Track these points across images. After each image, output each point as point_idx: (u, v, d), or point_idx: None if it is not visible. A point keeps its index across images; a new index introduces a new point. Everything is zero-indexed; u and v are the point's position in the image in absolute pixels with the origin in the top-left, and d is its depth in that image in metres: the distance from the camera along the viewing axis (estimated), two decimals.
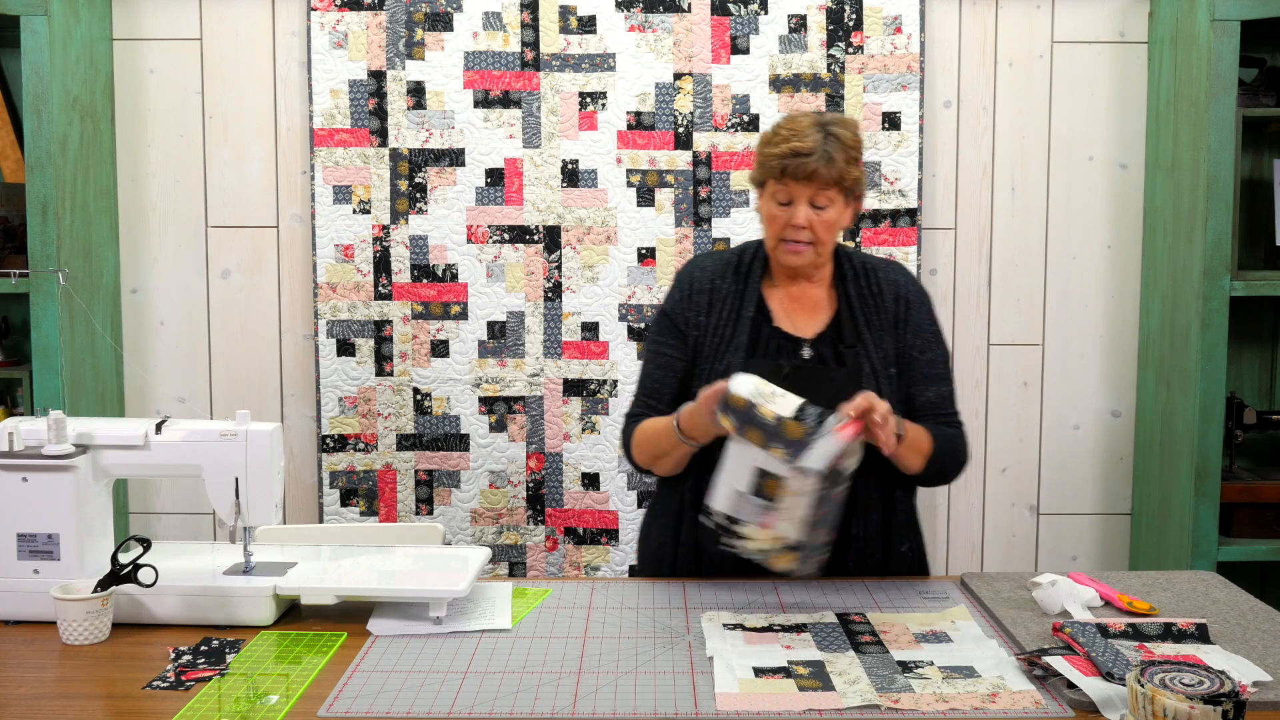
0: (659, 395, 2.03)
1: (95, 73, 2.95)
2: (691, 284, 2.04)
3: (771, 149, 1.92)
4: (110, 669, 1.60)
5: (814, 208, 1.92)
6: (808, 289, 2.04)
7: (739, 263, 2.06)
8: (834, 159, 1.90)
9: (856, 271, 2.05)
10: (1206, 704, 1.23)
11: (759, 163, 1.96)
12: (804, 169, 1.89)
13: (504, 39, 3.01)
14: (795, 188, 1.91)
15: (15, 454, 1.77)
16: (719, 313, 2.01)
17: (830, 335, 2.00)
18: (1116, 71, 3.10)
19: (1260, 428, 2.93)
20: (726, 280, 2.03)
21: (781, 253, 1.97)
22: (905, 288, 2.05)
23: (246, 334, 3.13)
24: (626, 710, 1.46)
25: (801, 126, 1.91)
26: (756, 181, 1.99)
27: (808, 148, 1.89)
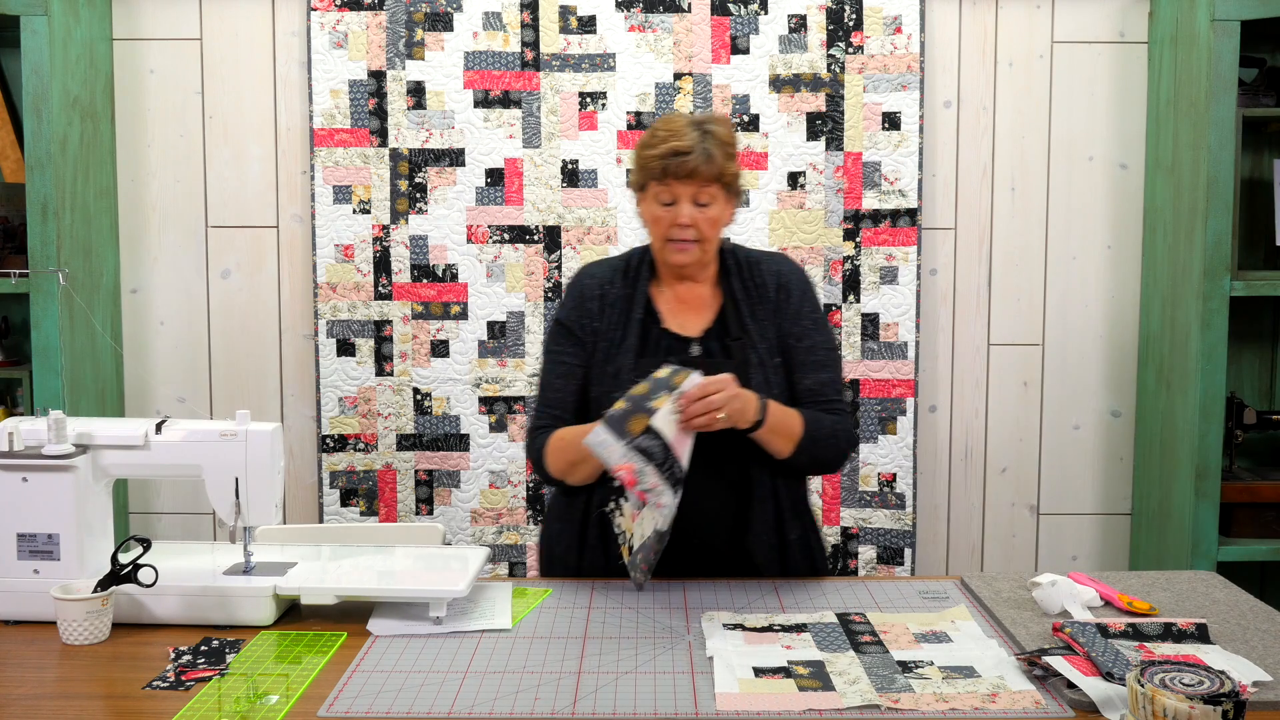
0: (562, 404, 2.03)
1: (95, 73, 2.95)
2: (583, 290, 2.07)
3: (650, 151, 1.95)
4: (110, 669, 1.60)
5: (697, 205, 1.95)
6: (693, 288, 2.06)
7: (626, 267, 2.08)
8: (713, 156, 1.93)
9: (740, 266, 2.07)
10: (1206, 704, 1.23)
11: (638, 166, 1.99)
12: (685, 167, 1.92)
13: (504, 39, 3.01)
14: (677, 187, 1.94)
15: (15, 454, 1.77)
16: (610, 317, 2.03)
17: (717, 331, 2.03)
18: (1116, 71, 3.10)
19: (1260, 428, 2.93)
20: (615, 285, 2.06)
21: (668, 252, 1.99)
22: (786, 276, 2.07)
23: (246, 334, 3.13)
24: (626, 710, 1.46)
25: (678, 127, 1.95)
26: (637, 185, 2.01)
27: (686, 146, 1.92)
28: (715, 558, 2.00)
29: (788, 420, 1.93)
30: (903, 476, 3.07)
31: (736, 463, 1.97)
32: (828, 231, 3.04)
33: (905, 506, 3.07)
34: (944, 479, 3.19)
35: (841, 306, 3.05)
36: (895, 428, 3.07)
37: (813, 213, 3.03)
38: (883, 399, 3.06)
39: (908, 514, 3.07)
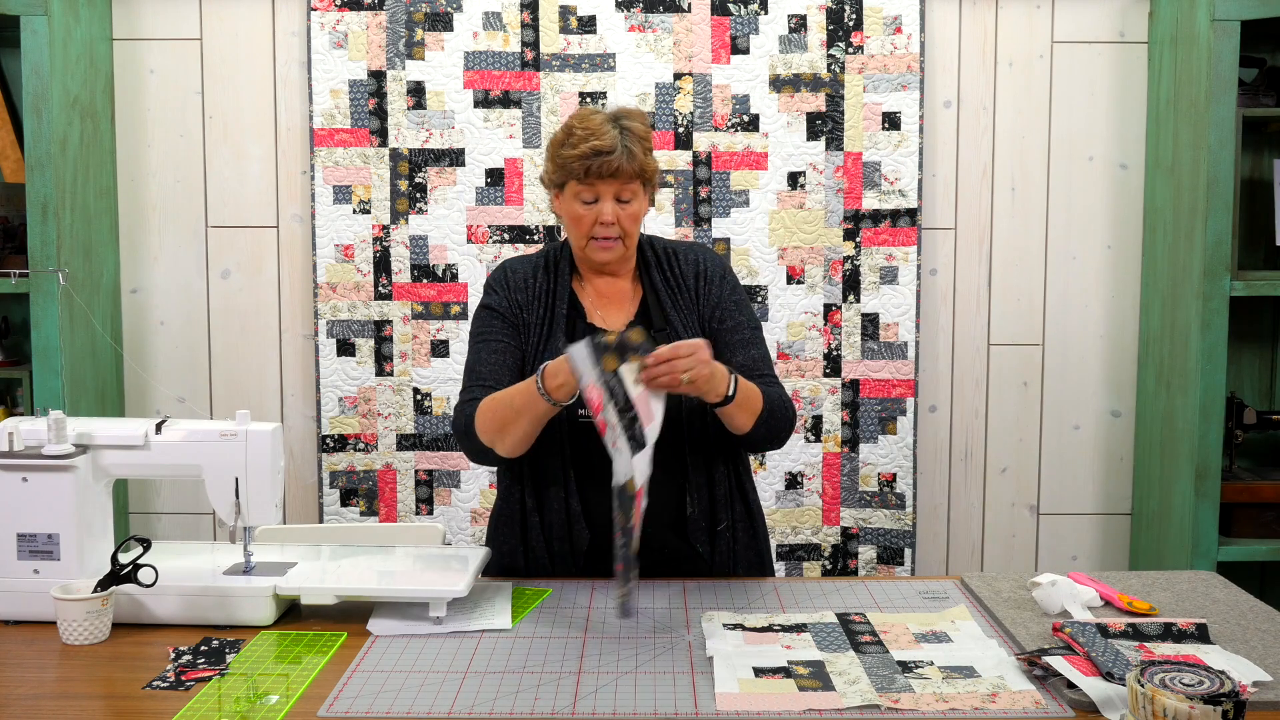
0: (497, 379, 1.97)
1: (95, 73, 2.95)
2: (509, 282, 2.04)
3: (570, 150, 1.92)
4: (110, 669, 1.60)
5: (619, 202, 1.95)
6: (614, 282, 2.06)
7: (547, 263, 2.07)
8: (634, 153, 1.92)
9: (659, 257, 2.07)
10: (1206, 704, 1.23)
11: (556, 165, 1.96)
12: (608, 167, 1.90)
13: (504, 39, 3.01)
14: (600, 185, 1.93)
15: (15, 454, 1.77)
16: (536, 311, 2.03)
17: (640, 323, 2.02)
18: (1116, 71, 3.10)
19: (1260, 428, 2.93)
20: (539, 280, 2.05)
21: (592, 250, 1.98)
22: (704, 264, 2.07)
23: (246, 334, 3.13)
24: (626, 710, 1.46)
25: (596, 125, 1.92)
26: (555, 184, 1.99)
27: (608, 145, 1.90)
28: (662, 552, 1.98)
29: (752, 394, 1.92)
30: (903, 476, 3.07)
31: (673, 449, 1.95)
32: (828, 231, 3.04)
33: (905, 506, 3.07)
34: (944, 479, 3.19)
35: (841, 306, 3.05)
36: (895, 428, 3.07)
37: (813, 213, 3.03)
38: (883, 399, 3.06)
39: (908, 514, 3.07)
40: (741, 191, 3.03)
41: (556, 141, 1.98)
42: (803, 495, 3.08)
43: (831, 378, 3.06)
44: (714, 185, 3.03)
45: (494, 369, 1.99)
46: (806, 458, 3.06)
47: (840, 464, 3.08)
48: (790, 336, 3.05)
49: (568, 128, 1.96)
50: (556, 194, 2.01)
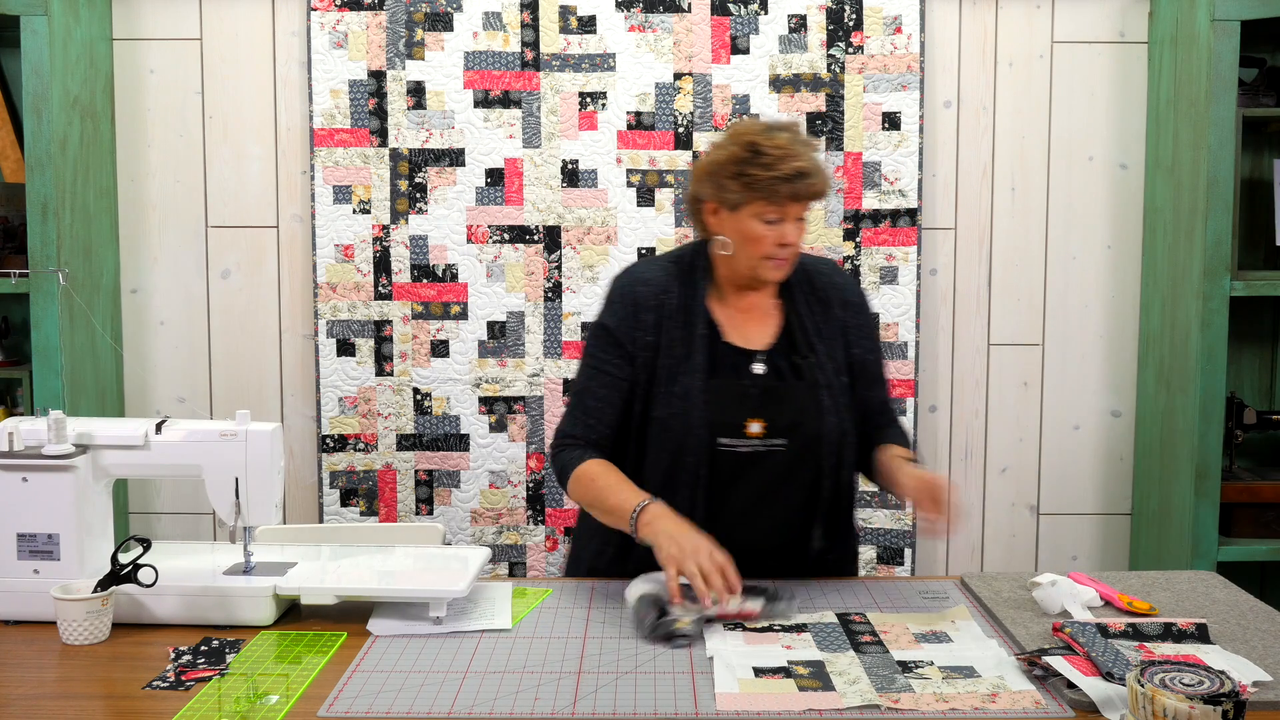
0: (599, 416, 1.94)
1: (95, 73, 2.95)
2: (636, 301, 1.95)
3: (764, 171, 1.84)
4: (110, 669, 1.60)
5: (797, 222, 1.90)
6: (755, 299, 1.99)
7: (680, 272, 1.98)
8: (826, 173, 1.90)
9: (800, 277, 2.01)
10: (1206, 704, 1.23)
11: (743, 184, 1.86)
12: (811, 189, 1.85)
13: (504, 39, 3.01)
14: (792, 207, 1.87)
15: (15, 454, 1.77)
16: (669, 332, 1.93)
17: (782, 346, 1.97)
18: (1116, 71, 3.10)
19: (1260, 428, 2.93)
20: (672, 294, 1.96)
21: (765, 269, 1.91)
22: (848, 291, 2.05)
23: (246, 334, 3.13)
24: (626, 710, 1.46)
25: (786, 143, 1.86)
26: (731, 204, 1.89)
27: (807, 167, 1.85)
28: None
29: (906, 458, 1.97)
30: None
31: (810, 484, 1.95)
32: (828, 231, 3.04)
33: (905, 506, 3.07)
34: None
35: None
36: None
37: (813, 212, 3.02)
38: None
39: (908, 514, 3.07)
40: None
41: (736, 159, 1.86)
42: None
43: None
44: None
45: (599, 405, 1.95)
46: None
47: None
48: None
49: (751, 145, 1.85)
50: (717, 208, 1.92)
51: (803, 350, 1.96)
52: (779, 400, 1.91)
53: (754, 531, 1.95)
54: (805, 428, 1.92)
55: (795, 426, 1.91)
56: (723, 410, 1.90)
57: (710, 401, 1.90)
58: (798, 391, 1.93)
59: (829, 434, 1.93)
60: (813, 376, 1.95)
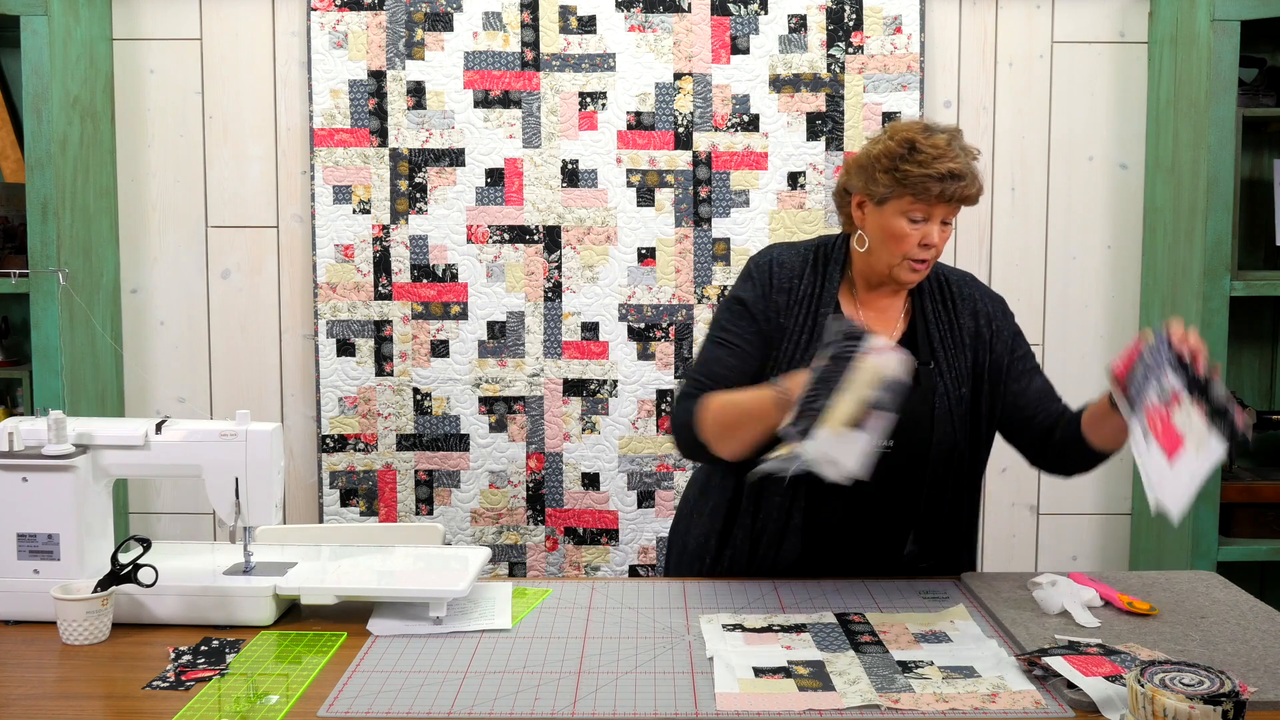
0: (725, 381, 1.89)
1: (95, 73, 2.95)
2: (772, 280, 1.94)
3: (918, 168, 1.81)
4: (110, 669, 1.60)
5: (942, 225, 1.87)
6: (886, 299, 1.97)
7: (815, 261, 1.97)
8: (979, 178, 1.86)
9: (932, 285, 1.99)
10: (1206, 704, 1.23)
11: (895, 179, 1.83)
12: (961, 192, 1.83)
13: (504, 39, 3.01)
14: (939, 208, 1.84)
15: (15, 454, 1.77)
16: (796, 317, 1.92)
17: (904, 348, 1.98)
18: (1116, 71, 3.10)
19: (1260, 428, 2.93)
20: (805, 280, 1.94)
21: (904, 271, 1.89)
22: (982, 303, 2.00)
23: (246, 334, 3.13)
24: (626, 710, 1.46)
25: (944, 144, 1.83)
26: (882, 197, 1.86)
27: (962, 170, 1.82)
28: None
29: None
30: None
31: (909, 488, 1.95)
32: (828, 231, 3.03)
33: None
34: None
35: None
36: None
37: (813, 213, 3.03)
38: None
39: None
40: (741, 191, 3.03)
41: (891, 154, 1.85)
42: None
43: None
44: (714, 185, 3.03)
45: (729, 373, 1.90)
46: None
47: None
48: None
49: (908, 142, 1.84)
50: (864, 201, 1.90)
51: (924, 356, 1.94)
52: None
53: (850, 534, 1.96)
54: (915, 433, 1.91)
55: (905, 430, 1.86)
56: None
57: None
58: (912, 396, 1.87)
59: (939, 442, 1.92)
60: (929, 383, 1.93)
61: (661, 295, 3.05)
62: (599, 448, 3.06)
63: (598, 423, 3.06)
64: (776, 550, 1.95)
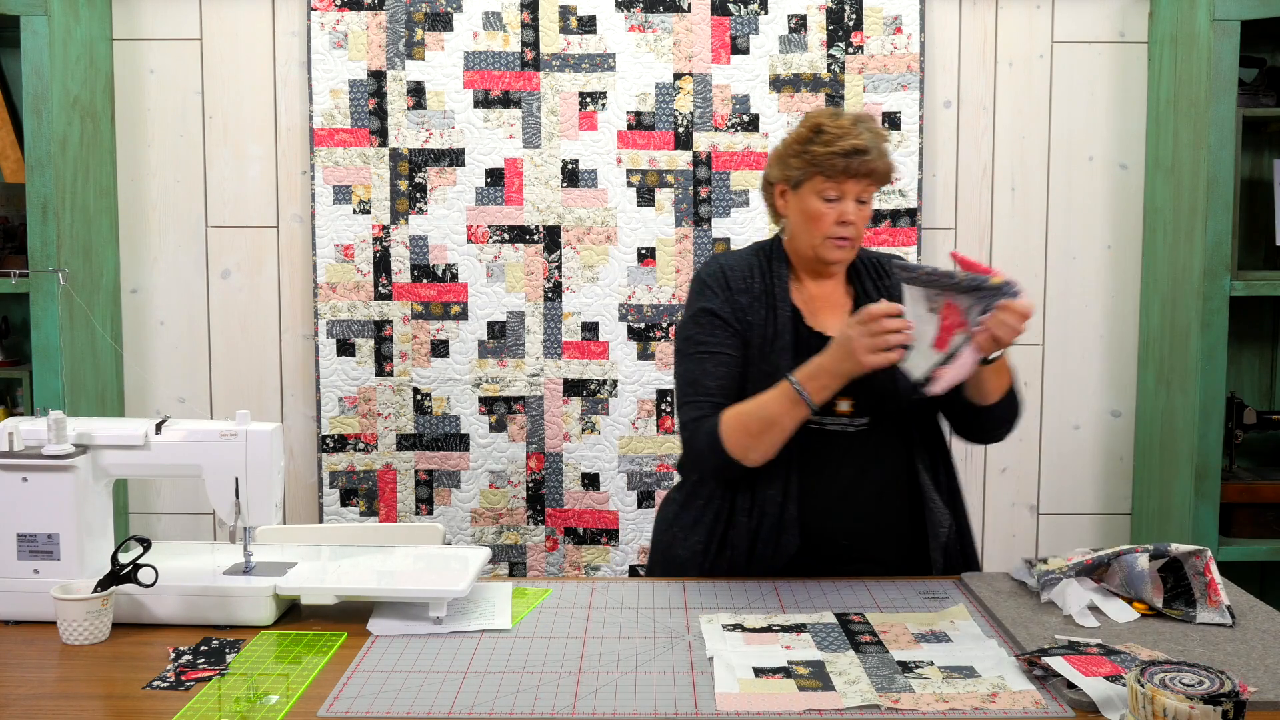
0: (724, 393, 1.95)
1: (95, 73, 2.95)
2: (729, 282, 2.02)
3: (823, 147, 1.92)
4: (110, 669, 1.60)
5: (858, 203, 1.96)
6: (829, 285, 2.05)
7: (761, 261, 2.05)
8: (885, 154, 1.95)
9: (867, 266, 2.08)
10: (1206, 704, 1.23)
11: (805, 161, 1.94)
12: (865, 166, 1.91)
13: (504, 39, 3.01)
14: (848, 184, 1.93)
15: (15, 454, 1.77)
16: (756, 313, 2.00)
17: None
18: (1116, 71, 3.10)
19: (1260, 428, 2.93)
20: (755, 279, 2.03)
21: (827, 249, 1.97)
22: None
23: (246, 334, 3.13)
24: (626, 710, 1.46)
25: (847, 124, 1.93)
26: (796, 180, 1.97)
27: (865, 145, 1.91)
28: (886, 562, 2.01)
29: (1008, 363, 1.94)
30: None
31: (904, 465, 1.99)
32: None
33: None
34: None
35: None
36: None
37: None
38: None
39: None
40: (741, 191, 3.03)
41: (801, 139, 1.96)
42: None
43: None
44: (714, 185, 3.03)
45: (721, 383, 1.96)
46: None
47: None
48: None
49: (815, 125, 1.95)
50: (785, 190, 2.00)
51: None
52: (864, 379, 1.91)
53: (853, 517, 1.98)
54: (886, 405, 1.97)
55: (878, 404, 1.97)
56: None
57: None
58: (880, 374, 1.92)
59: (912, 411, 1.98)
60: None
61: (661, 295, 3.05)
62: (599, 448, 3.06)
63: (598, 423, 3.06)
64: (775, 546, 1.96)
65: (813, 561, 1.97)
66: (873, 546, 1.99)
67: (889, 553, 2.01)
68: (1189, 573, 1.76)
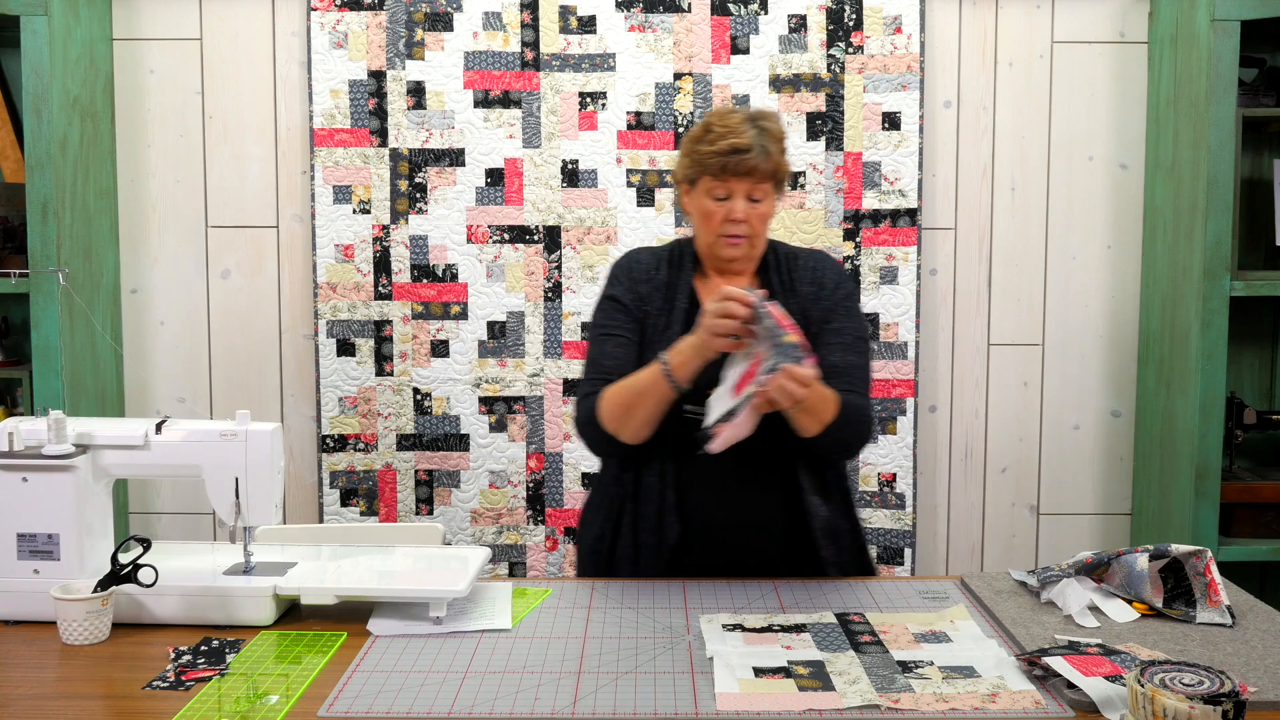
0: (620, 372, 1.98)
1: (95, 73, 2.95)
2: (632, 273, 2.08)
3: (707, 146, 1.95)
4: (110, 669, 1.60)
5: (750, 201, 1.97)
6: (735, 281, 2.05)
7: (671, 257, 2.10)
8: (770, 153, 1.96)
9: (780, 261, 2.08)
10: (1206, 704, 1.23)
11: (692, 161, 1.99)
12: (744, 165, 1.93)
13: (504, 39, 3.01)
14: (734, 183, 1.95)
15: (15, 454, 1.77)
16: (656, 304, 2.05)
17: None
18: (1116, 71, 3.10)
19: (1260, 428, 2.93)
20: (661, 272, 2.07)
21: (720, 246, 2.00)
22: (821, 270, 2.07)
23: (246, 334, 3.13)
24: (626, 710, 1.46)
25: (734, 123, 1.95)
26: (686, 179, 2.02)
27: (746, 144, 1.93)
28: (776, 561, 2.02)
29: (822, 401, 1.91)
30: (903, 476, 3.07)
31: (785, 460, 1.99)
32: (828, 231, 3.04)
33: (905, 506, 3.07)
34: (944, 479, 3.19)
35: None
36: (895, 428, 3.07)
37: (813, 212, 3.03)
38: (883, 399, 3.06)
39: (908, 514, 3.07)
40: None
41: (693, 137, 2.00)
42: None
43: None
44: None
45: (618, 362, 2.01)
46: None
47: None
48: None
49: (706, 124, 1.99)
50: (687, 189, 2.03)
51: None
52: None
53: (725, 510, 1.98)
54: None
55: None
56: None
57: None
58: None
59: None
60: None
61: None
62: None
63: None
64: (658, 535, 1.98)
65: (697, 552, 1.98)
66: (753, 540, 1.99)
67: (771, 548, 2.01)
68: (1189, 573, 1.76)
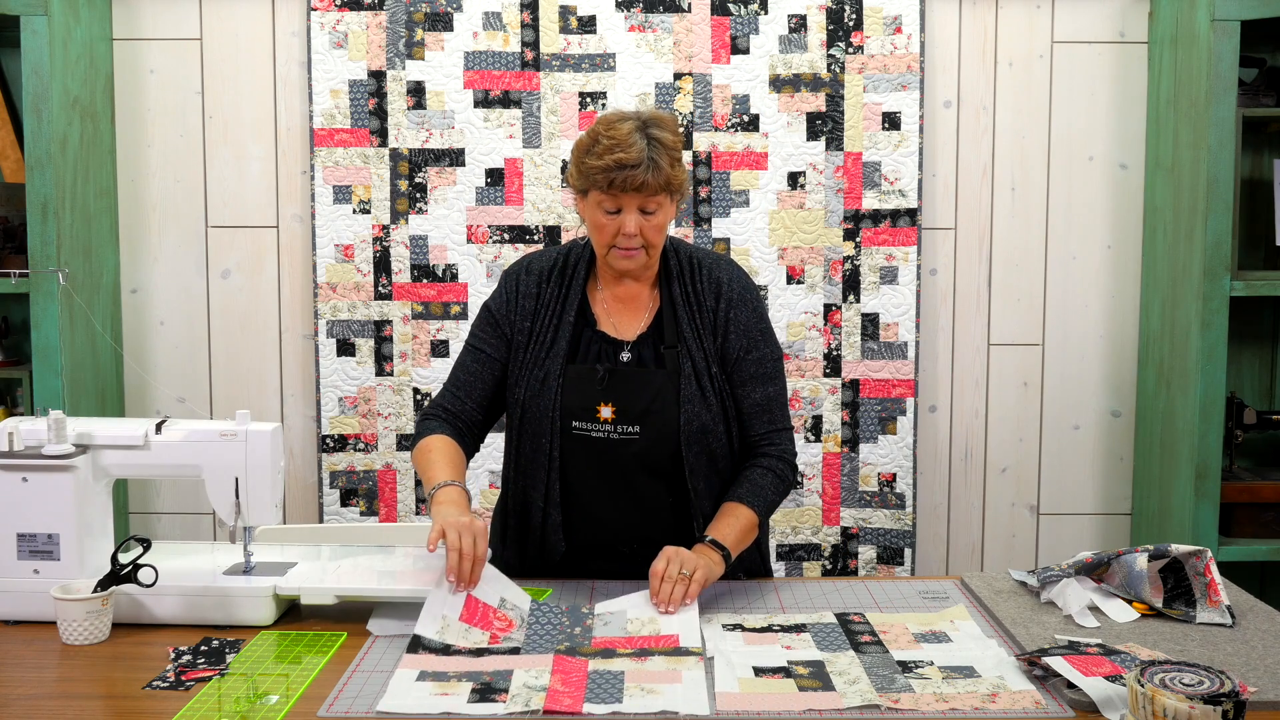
0: (469, 390, 1.99)
1: (95, 73, 2.95)
2: (518, 286, 2.00)
3: (594, 160, 1.85)
4: (110, 669, 1.60)
5: (643, 214, 1.87)
6: (633, 288, 2.00)
7: (564, 265, 2.01)
8: (660, 166, 1.85)
9: (683, 268, 2.00)
10: (1206, 704, 1.23)
11: (580, 172, 1.89)
12: (632, 181, 1.83)
13: (504, 39, 3.01)
14: (624, 198, 1.85)
15: (15, 454, 1.77)
16: (543, 319, 1.97)
17: (651, 336, 1.97)
18: (1116, 71, 3.10)
19: (1260, 428, 2.93)
20: (551, 284, 1.99)
21: (613, 259, 1.92)
22: (729, 286, 1.98)
23: (246, 334, 3.13)
24: (627, 710, 1.46)
25: (622, 135, 1.84)
26: (578, 189, 1.92)
27: (633, 159, 1.82)
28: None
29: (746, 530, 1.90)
30: (903, 476, 3.07)
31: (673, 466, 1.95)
32: (828, 231, 3.04)
33: (905, 506, 3.07)
34: (944, 479, 3.19)
35: (841, 306, 3.05)
36: (895, 428, 3.07)
37: (813, 213, 3.03)
38: (883, 399, 3.06)
39: (908, 514, 3.07)
40: (741, 191, 3.03)
41: (582, 147, 1.90)
42: (803, 495, 3.08)
43: (831, 378, 3.06)
44: (714, 185, 3.03)
45: (470, 380, 2.00)
46: (806, 458, 3.06)
47: (840, 464, 3.08)
48: (790, 336, 3.05)
49: (594, 134, 1.88)
50: (580, 198, 1.93)
51: (670, 339, 1.96)
52: (631, 387, 1.92)
53: (616, 526, 1.96)
54: (658, 416, 1.92)
55: (647, 414, 1.91)
56: (574, 394, 1.93)
57: (564, 385, 1.92)
58: (655, 379, 1.92)
59: (685, 424, 1.91)
60: (674, 365, 1.94)
61: None
62: None
63: None
64: (542, 550, 1.97)
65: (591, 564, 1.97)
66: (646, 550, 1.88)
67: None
68: (1189, 573, 1.76)
